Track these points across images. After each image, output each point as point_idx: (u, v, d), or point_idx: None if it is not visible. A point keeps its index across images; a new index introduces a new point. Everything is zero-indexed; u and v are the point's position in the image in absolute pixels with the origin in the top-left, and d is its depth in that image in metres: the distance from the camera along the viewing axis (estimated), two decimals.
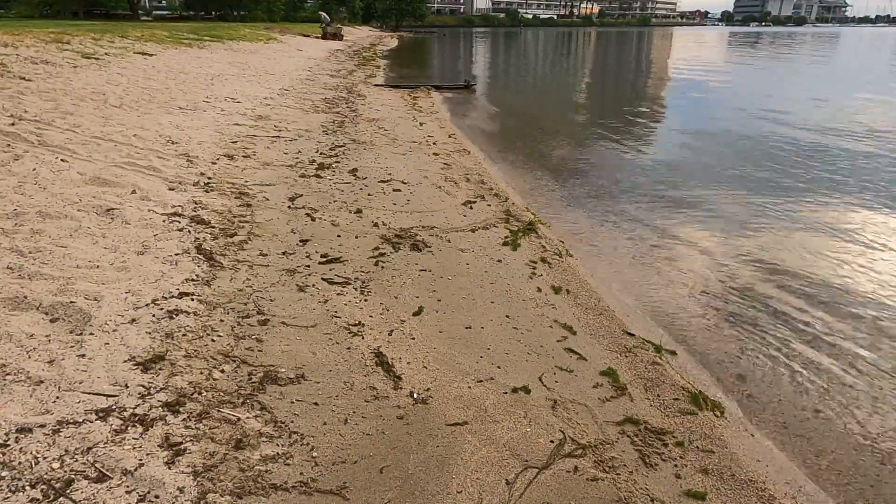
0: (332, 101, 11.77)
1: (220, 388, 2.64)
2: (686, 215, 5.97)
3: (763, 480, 2.43)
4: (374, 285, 3.86)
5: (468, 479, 2.28)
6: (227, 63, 14.84)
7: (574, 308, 3.79)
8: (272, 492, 2.12)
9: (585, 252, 5.01)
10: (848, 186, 6.99)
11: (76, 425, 2.26)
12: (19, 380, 2.45)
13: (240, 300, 3.47)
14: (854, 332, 3.75)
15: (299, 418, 2.52)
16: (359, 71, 19.07)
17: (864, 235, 5.42)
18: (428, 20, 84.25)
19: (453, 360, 3.08)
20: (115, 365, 2.66)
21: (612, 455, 2.46)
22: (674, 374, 3.11)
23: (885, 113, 12.95)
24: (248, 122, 8.61)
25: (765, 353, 3.50)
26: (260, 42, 22.91)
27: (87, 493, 1.98)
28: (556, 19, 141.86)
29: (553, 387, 2.91)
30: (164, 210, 4.65)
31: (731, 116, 12.27)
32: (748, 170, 7.80)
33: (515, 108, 14.10)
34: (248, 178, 5.95)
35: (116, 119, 7.01)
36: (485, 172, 7.10)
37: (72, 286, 3.19)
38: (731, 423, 2.83)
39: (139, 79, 10.01)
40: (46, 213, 4.07)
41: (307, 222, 4.90)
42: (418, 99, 13.31)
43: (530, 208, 5.93)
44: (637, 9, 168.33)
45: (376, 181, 6.27)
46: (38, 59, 9.50)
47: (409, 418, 2.59)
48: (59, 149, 5.42)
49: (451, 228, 5.03)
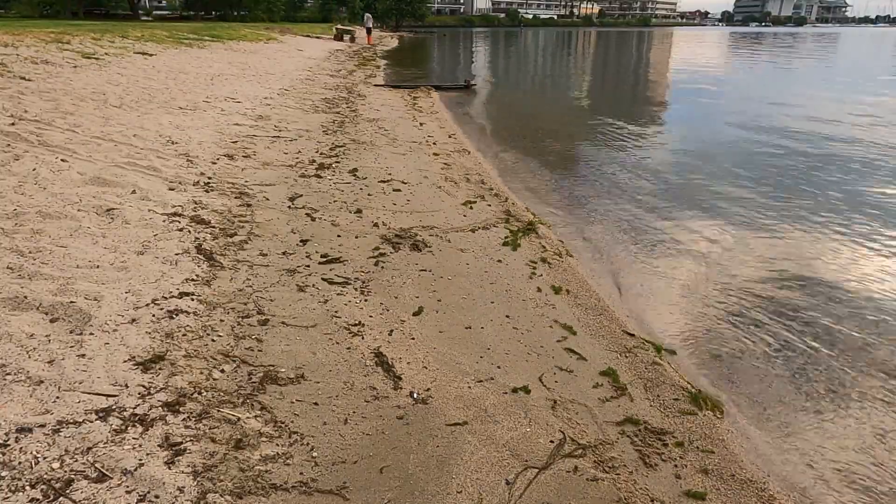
0: (333, 101, 11.77)
1: (220, 388, 2.64)
2: (687, 215, 5.97)
3: (763, 480, 2.43)
4: (374, 285, 3.86)
5: (468, 479, 2.28)
6: (227, 63, 14.84)
7: (574, 308, 3.79)
8: (272, 492, 2.12)
9: (585, 252, 5.01)
10: (849, 188, 6.99)
11: (76, 425, 2.26)
12: (19, 380, 2.45)
13: (240, 300, 3.47)
14: (858, 332, 3.75)
15: (299, 418, 2.52)
16: (359, 71, 19.07)
17: (872, 240, 5.42)
18: (428, 20, 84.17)
19: (453, 360, 3.08)
20: (115, 365, 2.66)
21: (612, 455, 2.47)
22: (674, 374, 3.11)
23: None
24: (249, 121, 8.61)
25: (765, 354, 3.50)
26: (260, 42, 22.91)
27: (87, 493, 1.98)
28: (556, 19, 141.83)
29: (553, 387, 2.92)
30: (164, 210, 4.65)
31: (733, 117, 12.26)
32: (749, 170, 7.80)
33: (516, 108, 14.10)
34: (248, 178, 5.95)
35: (116, 119, 7.01)
36: (485, 172, 7.10)
37: (72, 286, 3.19)
38: (731, 423, 2.83)
39: (139, 79, 10.01)
40: (46, 213, 4.07)
41: (307, 222, 4.90)
42: (418, 99, 13.31)
43: (530, 208, 5.93)
44: (637, 9, 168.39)
45: (376, 181, 6.27)
46: (38, 59, 9.50)
47: (409, 418, 2.59)
48: (59, 149, 5.42)
49: (451, 228, 5.03)
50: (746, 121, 11.67)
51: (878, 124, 11.22)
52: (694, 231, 5.53)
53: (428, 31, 67.11)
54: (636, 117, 12.41)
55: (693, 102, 15.23)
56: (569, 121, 12.34)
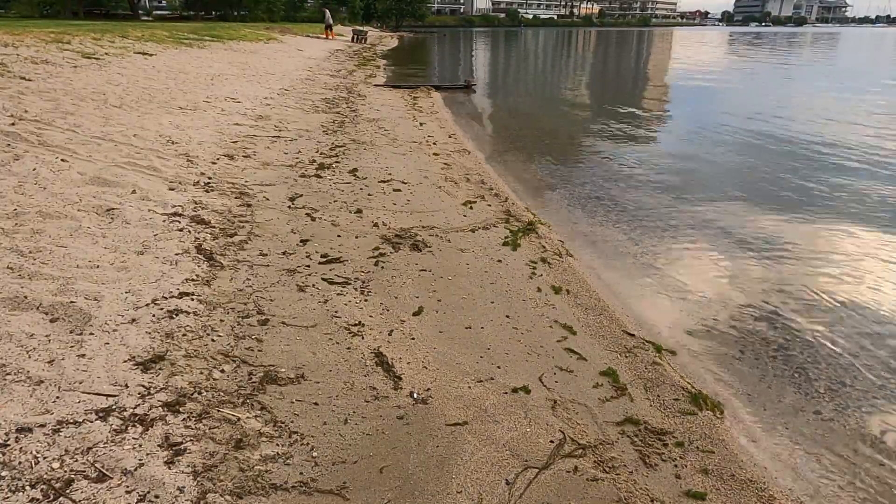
0: (333, 101, 11.77)
1: (220, 387, 2.64)
2: (687, 216, 5.97)
3: (763, 480, 2.42)
4: (374, 285, 3.86)
5: (468, 479, 2.28)
6: (228, 63, 14.84)
7: (574, 308, 3.79)
8: (272, 492, 2.12)
9: (585, 252, 5.01)
10: (852, 191, 6.99)
11: (76, 425, 2.26)
12: (19, 380, 2.45)
13: (240, 300, 3.47)
14: (854, 334, 3.75)
15: (299, 418, 2.52)
16: (359, 71, 19.07)
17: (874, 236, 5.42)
18: (428, 20, 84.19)
19: (453, 360, 3.08)
20: (115, 365, 2.66)
21: (612, 455, 2.46)
22: (674, 375, 3.11)
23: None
24: (249, 121, 8.61)
25: (765, 354, 3.50)
26: (260, 42, 22.90)
27: (87, 493, 1.98)
28: (556, 19, 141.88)
29: (553, 387, 2.91)
30: (165, 210, 4.65)
31: (734, 118, 12.26)
32: (751, 173, 7.80)
33: (516, 109, 14.10)
34: (248, 178, 5.95)
35: (116, 119, 7.01)
36: (485, 172, 7.10)
37: (72, 286, 3.19)
38: (731, 423, 2.83)
39: (139, 79, 10.01)
40: (46, 213, 4.07)
41: (307, 222, 4.91)
42: (418, 99, 13.31)
43: (530, 208, 5.93)
44: (637, 9, 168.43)
45: (376, 181, 6.27)
46: (38, 59, 9.50)
47: (409, 418, 2.59)
48: (59, 149, 5.42)
49: (451, 228, 5.03)
50: (747, 122, 11.66)
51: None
52: (694, 231, 5.53)
53: (428, 31, 67.13)
54: (636, 117, 12.41)
55: (694, 102, 15.23)
56: (569, 121, 12.34)
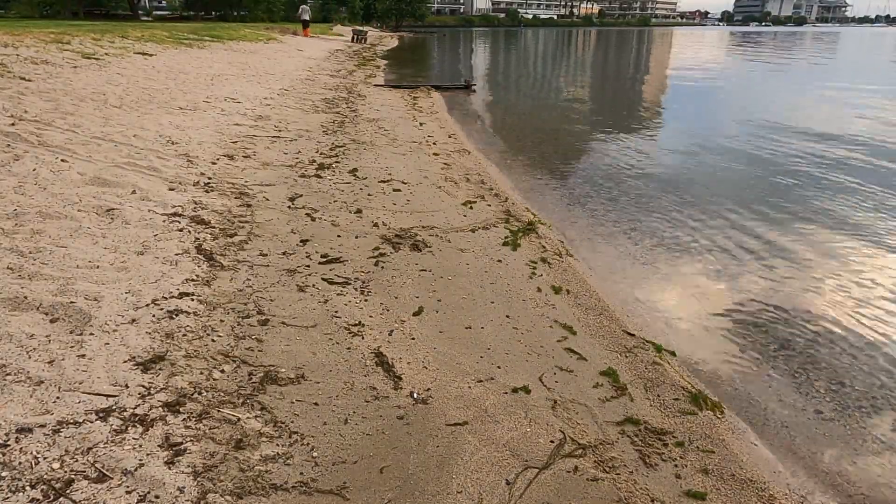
0: (332, 101, 11.77)
1: (220, 388, 2.64)
2: (688, 216, 5.97)
3: (763, 480, 2.42)
4: (374, 285, 3.86)
5: (468, 479, 2.28)
6: (227, 63, 14.83)
7: (574, 308, 3.79)
8: (272, 492, 2.12)
9: (585, 252, 5.01)
10: (852, 192, 6.99)
11: (76, 425, 2.26)
12: (19, 380, 2.45)
13: (240, 300, 3.47)
14: (855, 334, 3.75)
15: (299, 418, 2.52)
16: (359, 71, 19.07)
17: (875, 238, 5.42)
18: (428, 20, 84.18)
19: (453, 360, 3.08)
20: (115, 365, 2.66)
21: (612, 455, 2.46)
22: (674, 374, 3.11)
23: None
24: (248, 122, 8.61)
25: (765, 354, 3.50)
26: (260, 42, 22.90)
27: (87, 493, 1.98)
28: (556, 19, 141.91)
29: (553, 387, 2.91)
30: (164, 210, 4.65)
31: (735, 117, 12.26)
32: (750, 172, 7.80)
33: (516, 108, 14.10)
34: (248, 178, 5.95)
35: (116, 119, 7.01)
36: (485, 172, 7.10)
37: (72, 286, 3.19)
38: (731, 423, 2.83)
39: (139, 79, 10.01)
40: (46, 214, 4.07)
41: (307, 222, 4.90)
42: (418, 99, 13.31)
43: (530, 208, 5.93)
44: (637, 9, 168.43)
45: (376, 181, 6.27)
46: (38, 59, 9.50)
47: (409, 418, 2.59)
48: (59, 149, 5.42)
49: (451, 228, 5.02)
50: (748, 122, 11.66)
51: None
52: (695, 231, 5.53)
53: (428, 31, 67.12)
54: (636, 117, 12.41)
55: (694, 102, 15.23)
56: (569, 121, 12.33)
